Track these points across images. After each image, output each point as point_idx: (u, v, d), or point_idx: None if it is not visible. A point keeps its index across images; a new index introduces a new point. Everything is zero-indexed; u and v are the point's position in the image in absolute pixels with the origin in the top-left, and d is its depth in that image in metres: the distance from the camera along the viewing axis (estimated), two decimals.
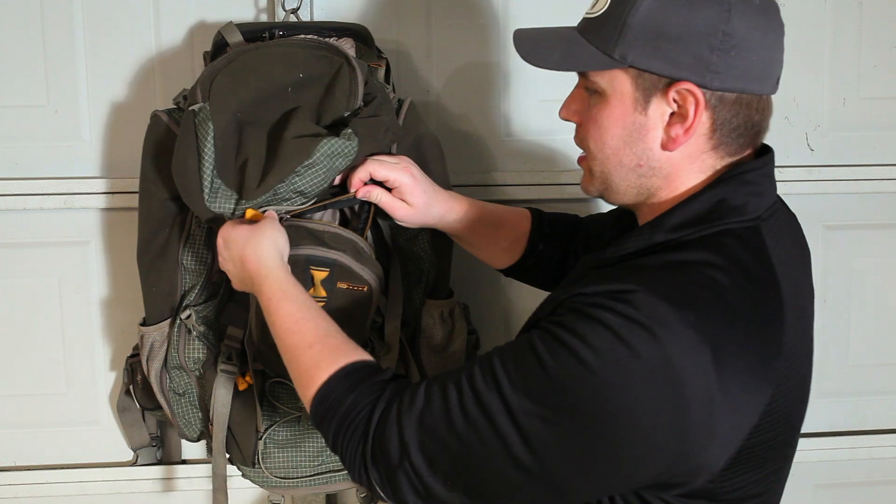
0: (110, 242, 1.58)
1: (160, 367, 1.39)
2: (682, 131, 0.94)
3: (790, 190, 1.63)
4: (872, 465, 1.77)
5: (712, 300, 0.89)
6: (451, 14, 1.58)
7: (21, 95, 1.54)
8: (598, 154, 0.99)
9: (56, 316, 1.60)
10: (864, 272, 1.72)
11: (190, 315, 1.35)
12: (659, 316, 0.86)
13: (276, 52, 1.28)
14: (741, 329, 0.90)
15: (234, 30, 1.36)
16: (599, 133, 0.98)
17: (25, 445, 1.63)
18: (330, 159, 1.20)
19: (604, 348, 0.86)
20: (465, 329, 1.45)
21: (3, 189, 1.54)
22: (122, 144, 1.55)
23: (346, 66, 1.25)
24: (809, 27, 1.64)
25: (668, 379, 0.85)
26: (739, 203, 0.96)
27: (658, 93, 0.94)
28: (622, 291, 0.88)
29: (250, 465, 1.39)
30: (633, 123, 0.96)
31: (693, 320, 0.87)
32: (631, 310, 0.86)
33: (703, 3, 0.91)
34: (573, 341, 0.87)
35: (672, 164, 0.97)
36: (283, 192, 1.19)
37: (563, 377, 0.87)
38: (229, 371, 1.35)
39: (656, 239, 0.96)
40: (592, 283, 0.91)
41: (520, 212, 1.38)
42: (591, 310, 0.88)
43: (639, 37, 0.92)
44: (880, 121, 1.67)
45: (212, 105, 1.22)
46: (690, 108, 0.93)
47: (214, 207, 1.20)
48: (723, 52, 0.92)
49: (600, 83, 0.96)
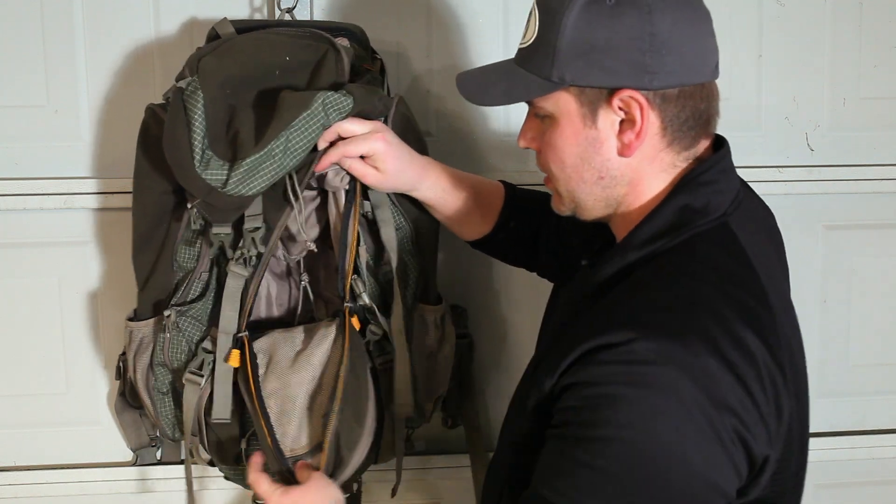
0: (110, 242, 1.58)
1: (147, 364, 1.39)
2: (634, 136, 0.96)
3: (790, 190, 1.63)
4: (872, 465, 1.77)
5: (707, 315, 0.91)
6: (451, 14, 1.58)
7: (21, 95, 1.54)
8: (560, 175, 1.02)
9: (56, 316, 1.60)
10: (864, 272, 1.72)
11: (170, 314, 1.34)
12: (665, 354, 0.87)
13: (263, 38, 1.31)
14: (741, 330, 0.91)
15: (228, 25, 1.37)
16: (556, 155, 1.01)
17: (25, 445, 1.63)
18: (325, 111, 1.21)
19: (635, 418, 0.87)
20: (454, 334, 1.45)
21: (3, 189, 1.54)
22: (122, 144, 1.55)
23: (332, 50, 1.27)
24: (809, 27, 1.64)
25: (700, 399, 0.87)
26: (702, 205, 0.98)
27: (603, 104, 0.96)
28: (619, 344, 0.88)
29: (232, 465, 1.38)
30: (586, 139, 0.98)
31: (697, 343, 0.88)
32: (638, 367, 0.87)
33: (623, 10, 0.93)
34: (607, 431, 0.87)
35: (632, 168, 0.99)
36: (279, 152, 1.20)
37: (619, 464, 0.87)
38: (195, 381, 1.32)
39: (629, 259, 0.98)
40: (587, 336, 0.91)
41: (494, 184, 1.39)
42: (604, 389, 0.88)
43: (570, 55, 0.95)
44: (880, 121, 1.67)
45: (200, 78, 1.25)
46: (636, 113, 0.95)
47: (206, 176, 1.21)
48: (654, 53, 0.93)
49: (546, 107, 0.99)
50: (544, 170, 1.05)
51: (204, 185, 1.22)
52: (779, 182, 1.63)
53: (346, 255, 1.31)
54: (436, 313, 1.41)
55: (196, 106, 1.23)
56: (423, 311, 1.41)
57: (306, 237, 1.30)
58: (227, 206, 1.26)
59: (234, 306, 1.31)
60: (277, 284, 1.43)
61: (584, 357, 0.91)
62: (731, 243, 0.97)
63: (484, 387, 1.66)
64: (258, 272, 1.30)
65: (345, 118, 1.23)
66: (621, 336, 0.88)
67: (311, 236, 1.38)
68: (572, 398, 0.91)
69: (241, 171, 1.21)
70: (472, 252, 1.43)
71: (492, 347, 1.66)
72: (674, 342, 0.88)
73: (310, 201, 1.37)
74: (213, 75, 1.25)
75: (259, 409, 1.27)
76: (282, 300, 1.44)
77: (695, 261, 0.95)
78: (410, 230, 1.37)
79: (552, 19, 0.96)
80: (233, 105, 1.25)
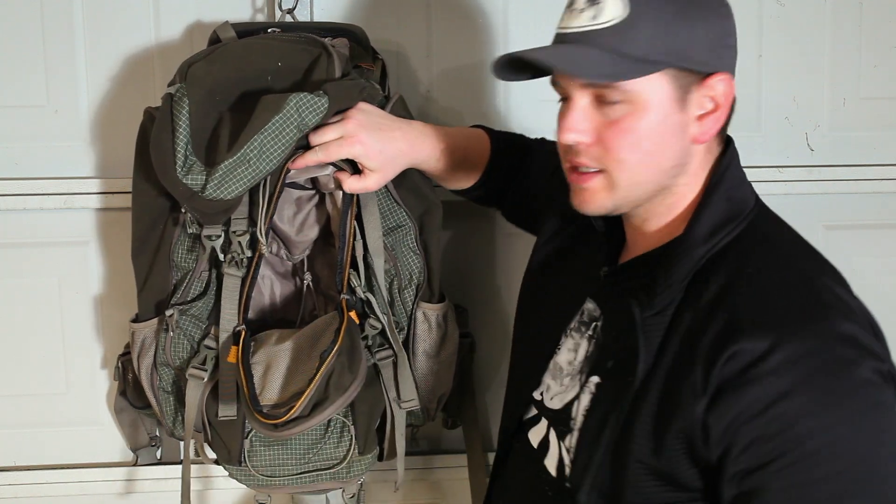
0: (110, 242, 1.58)
1: (151, 364, 1.39)
2: (714, 121, 0.98)
3: (790, 190, 1.63)
4: None
5: (824, 289, 0.94)
6: (451, 14, 1.58)
7: (21, 95, 1.54)
8: (632, 161, 0.97)
9: (56, 316, 1.60)
10: (864, 272, 1.72)
11: (172, 314, 1.35)
12: (817, 339, 0.88)
13: (256, 42, 1.32)
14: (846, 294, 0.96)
15: (229, 28, 1.37)
16: (636, 142, 0.96)
17: (25, 445, 1.63)
18: (299, 113, 1.21)
19: (821, 411, 0.86)
20: (457, 333, 1.45)
21: (3, 189, 1.54)
22: (122, 144, 1.55)
23: (324, 53, 1.27)
24: (809, 27, 1.64)
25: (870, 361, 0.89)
26: (741, 195, 1.00)
27: (695, 88, 0.97)
28: (766, 353, 0.88)
29: (236, 463, 1.39)
30: (675, 123, 0.97)
31: (832, 316, 0.91)
32: (799, 366, 0.87)
33: (714, 4, 0.98)
34: (819, 438, 0.86)
35: (694, 156, 1.00)
36: (253, 156, 1.20)
37: (852, 457, 0.86)
38: (198, 376, 1.33)
39: (697, 254, 0.97)
40: (720, 347, 0.90)
41: (479, 138, 1.40)
42: (781, 407, 0.86)
43: (671, 38, 0.95)
44: (880, 121, 1.67)
45: (187, 84, 1.25)
46: (721, 98, 0.97)
47: (187, 181, 1.22)
48: (731, 49, 1.00)
49: (634, 90, 0.95)
50: (600, 163, 0.99)
51: (186, 190, 1.24)
52: (779, 182, 1.63)
53: (343, 249, 1.31)
54: (438, 311, 1.41)
55: (181, 112, 1.24)
56: (424, 310, 1.41)
57: (264, 242, 1.30)
58: (210, 210, 1.26)
59: (234, 305, 1.32)
60: (282, 283, 1.43)
61: (732, 376, 0.88)
62: (780, 222, 1.01)
63: (484, 387, 1.66)
64: (249, 275, 1.32)
65: (322, 118, 1.22)
66: (761, 344, 0.88)
67: (311, 236, 1.38)
68: (751, 432, 0.88)
69: (217, 175, 1.22)
70: (473, 252, 1.43)
71: (493, 348, 1.66)
72: (813, 324, 0.89)
73: (307, 201, 1.37)
74: (202, 81, 1.26)
75: (243, 369, 1.28)
76: (286, 299, 1.44)
77: (774, 242, 0.98)
78: (414, 228, 1.37)
79: (644, 1, 0.95)
80: (221, 111, 1.26)
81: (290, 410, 1.22)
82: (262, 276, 1.40)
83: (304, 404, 1.23)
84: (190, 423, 1.33)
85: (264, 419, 1.24)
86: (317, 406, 1.25)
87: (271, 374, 1.28)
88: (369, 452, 1.39)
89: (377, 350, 1.36)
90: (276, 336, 1.33)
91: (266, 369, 1.28)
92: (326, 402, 1.25)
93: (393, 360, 1.35)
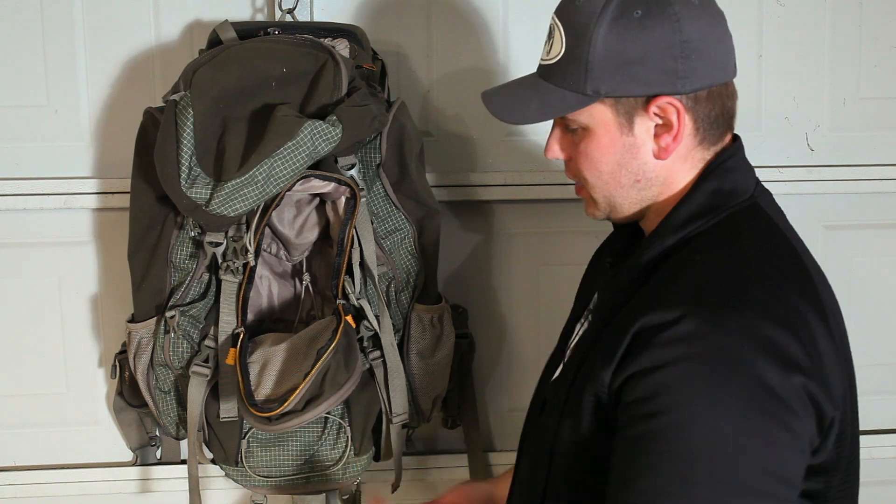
0: (110, 242, 1.58)
1: (147, 364, 1.39)
2: (671, 139, 0.99)
3: (790, 190, 1.63)
4: (872, 465, 1.76)
5: (756, 285, 0.93)
6: (451, 14, 1.58)
7: (21, 95, 1.54)
8: (597, 182, 1.03)
9: (56, 316, 1.60)
10: (864, 272, 1.72)
11: (174, 315, 1.35)
12: (719, 325, 0.88)
13: (261, 46, 1.31)
14: (790, 295, 0.94)
15: (229, 28, 1.37)
16: (593, 164, 1.02)
17: (25, 445, 1.63)
18: (313, 141, 1.21)
19: (696, 393, 0.87)
20: (454, 334, 1.45)
21: (3, 189, 1.54)
22: (121, 144, 1.54)
23: (331, 61, 1.27)
24: (809, 27, 1.64)
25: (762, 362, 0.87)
26: (730, 188, 1.01)
27: (639, 112, 0.98)
28: (671, 322, 0.89)
29: (233, 463, 1.39)
30: (624, 146, 1.00)
31: (750, 310, 0.90)
32: (694, 342, 0.88)
33: (653, 22, 0.96)
34: (675, 415, 0.87)
35: (667, 169, 1.02)
36: (261, 179, 1.20)
37: (692, 444, 0.86)
38: (202, 374, 1.34)
39: (668, 242, 1.00)
40: (636, 317, 0.92)
41: None
42: (662, 375, 0.88)
43: (604, 69, 0.97)
44: (880, 121, 1.67)
45: (192, 93, 1.25)
46: (673, 118, 0.98)
47: (191, 193, 1.22)
48: (685, 59, 0.97)
49: (581, 120, 1.00)
50: (577, 178, 1.06)
51: (189, 203, 1.24)
52: (779, 182, 1.62)
53: (341, 256, 1.32)
54: (432, 313, 1.41)
55: (186, 122, 1.24)
56: (419, 312, 1.41)
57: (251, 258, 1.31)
58: (213, 223, 1.27)
59: (231, 308, 1.33)
60: (280, 284, 1.43)
61: (639, 340, 0.91)
62: (765, 220, 1.01)
63: (484, 387, 1.66)
64: (245, 280, 1.33)
65: (333, 147, 1.24)
66: (672, 314, 0.90)
67: (310, 238, 1.39)
68: (634, 391, 0.90)
69: (224, 193, 1.22)
70: (472, 252, 1.43)
71: (492, 347, 1.66)
72: (727, 312, 0.89)
73: (307, 204, 1.37)
74: (208, 88, 1.25)
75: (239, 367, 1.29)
76: (285, 299, 1.44)
77: (736, 236, 0.98)
78: (413, 232, 1.37)
79: (581, 35, 0.97)
80: (226, 118, 1.25)
81: (283, 404, 1.23)
82: (260, 277, 1.41)
83: (298, 398, 1.24)
84: (193, 420, 1.34)
85: (258, 412, 1.24)
86: (311, 401, 1.25)
87: (267, 371, 1.28)
88: (365, 453, 1.39)
89: (371, 351, 1.36)
90: (273, 338, 1.34)
91: (262, 367, 1.29)
92: (321, 397, 1.26)
93: (383, 360, 1.36)
